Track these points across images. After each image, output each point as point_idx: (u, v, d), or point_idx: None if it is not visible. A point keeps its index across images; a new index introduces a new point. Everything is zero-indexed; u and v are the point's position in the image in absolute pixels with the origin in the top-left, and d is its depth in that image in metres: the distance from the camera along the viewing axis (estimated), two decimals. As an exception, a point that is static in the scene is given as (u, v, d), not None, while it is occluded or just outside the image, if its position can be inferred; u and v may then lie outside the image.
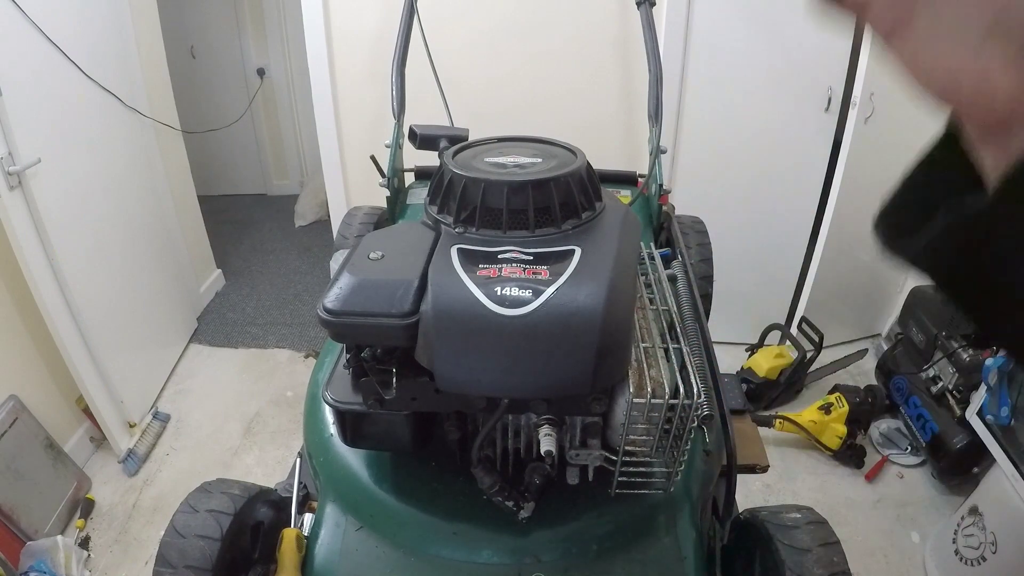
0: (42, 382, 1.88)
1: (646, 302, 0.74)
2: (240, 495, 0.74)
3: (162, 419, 2.21)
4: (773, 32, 2.10)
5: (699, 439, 0.74)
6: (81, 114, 1.97)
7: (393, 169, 1.41)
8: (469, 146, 0.74)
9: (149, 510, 1.87)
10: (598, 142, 2.23)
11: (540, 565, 0.65)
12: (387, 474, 0.73)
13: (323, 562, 0.70)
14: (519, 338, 0.52)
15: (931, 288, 1.99)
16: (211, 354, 2.62)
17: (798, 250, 2.46)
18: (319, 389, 0.67)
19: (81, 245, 1.90)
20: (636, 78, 2.19)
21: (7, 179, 1.59)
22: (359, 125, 2.35)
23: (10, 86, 1.59)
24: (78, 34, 1.92)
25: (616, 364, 0.56)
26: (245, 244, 3.60)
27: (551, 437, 0.61)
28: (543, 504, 0.67)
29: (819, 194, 2.32)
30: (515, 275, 0.54)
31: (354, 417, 0.65)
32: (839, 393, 2.05)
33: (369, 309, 0.55)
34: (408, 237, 0.65)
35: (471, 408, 0.59)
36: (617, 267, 0.56)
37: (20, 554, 1.56)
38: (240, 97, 3.90)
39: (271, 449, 2.11)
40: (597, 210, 0.65)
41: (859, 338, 2.63)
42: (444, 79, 1.67)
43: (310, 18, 2.17)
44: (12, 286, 1.75)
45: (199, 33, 3.76)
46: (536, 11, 2.14)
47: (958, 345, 1.75)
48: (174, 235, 2.62)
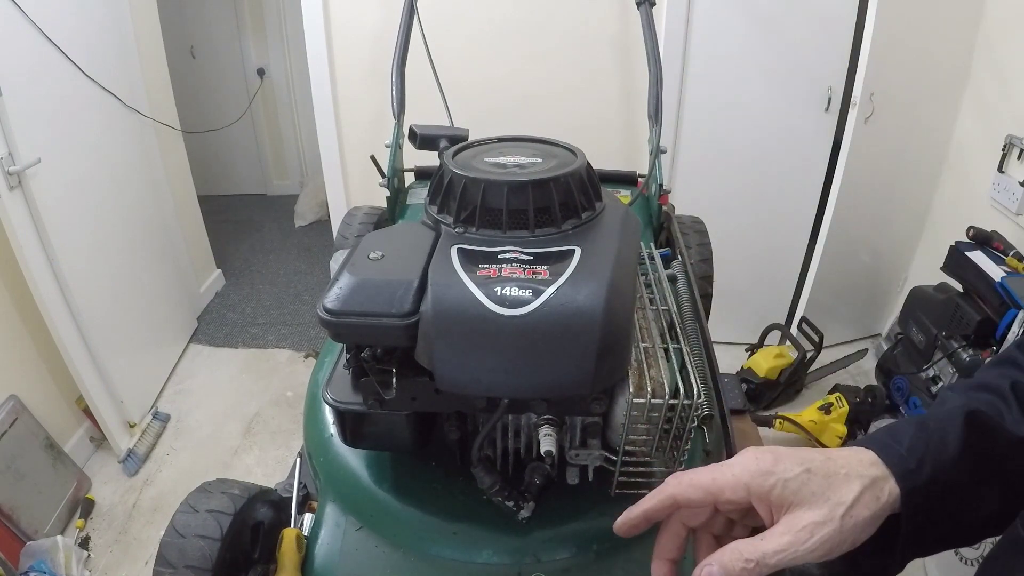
0: (42, 382, 1.88)
1: (646, 302, 0.74)
2: (240, 495, 0.74)
3: (162, 419, 2.21)
4: (773, 32, 2.10)
5: (699, 439, 0.74)
6: (81, 114, 1.97)
7: (393, 169, 1.41)
8: (469, 146, 0.74)
9: (149, 510, 1.87)
10: (598, 142, 2.23)
11: (540, 565, 0.65)
12: (387, 474, 0.73)
13: (323, 562, 0.70)
14: (519, 338, 0.52)
15: (931, 288, 1.99)
16: (211, 354, 2.62)
17: (798, 250, 2.46)
18: (319, 389, 0.67)
19: (81, 245, 1.90)
20: (636, 78, 2.19)
21: (7, 179, 1.59)
22: (359, 125, 2.35)
23: (10, 86, 1.59)
24: (78, 34, 1.92)
25: (616, 364, 0.56)
26: (245, 244, 3.60)
27: (551, 437, 0.61)
28: (543, 504, 0.67)
29: (819, 194, 2.32)
30: (515, 275, 0.54)
31: (354, 417, 0.65)
32: (839, 393, 2.05)
33: (369, 309, 0.55)
34: (408, 237, 0.65)
35: (471, 408, 0.59)
36: (617, 267, 0.56)
37: (20, 554, 1.56)
38: (240, 97, 3.90)
39: (271, 449, 2.11)
40: (597, 210, 0.65)
41: (859, 338, 2.63)
42: (444, 79, 1.67)
43: (310, 18, 2.17)
44: (12, 286, 1.75)
45: (199, 33, 3.76)
46: (536, 11, 2.14)
47: (958, 345, 1.75)
48: (174, 235, 2.62)
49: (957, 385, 0.50)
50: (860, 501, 0.41)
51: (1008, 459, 0.43)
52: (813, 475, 0.41)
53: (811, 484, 0.41)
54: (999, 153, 1.90)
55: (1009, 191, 1.85)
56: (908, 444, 0.43)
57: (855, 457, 0.43)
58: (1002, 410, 0.44)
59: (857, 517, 0.40)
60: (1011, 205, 1.85)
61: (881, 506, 0.41)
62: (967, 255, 1.79)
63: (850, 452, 0.44)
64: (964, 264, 1.80)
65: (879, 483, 0.41)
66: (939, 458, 0.42)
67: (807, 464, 0.42)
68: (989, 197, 1.96)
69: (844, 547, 0.41)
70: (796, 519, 0.41)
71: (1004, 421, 0.43)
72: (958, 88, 2.12)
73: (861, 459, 0.43)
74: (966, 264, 1.79)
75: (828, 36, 2.08)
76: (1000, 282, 1.65)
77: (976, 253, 1.79)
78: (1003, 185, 1.89)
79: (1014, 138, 1.85)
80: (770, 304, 2.55)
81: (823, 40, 2.08)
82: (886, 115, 2.08)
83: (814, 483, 0.41)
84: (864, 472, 0.42)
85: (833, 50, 2.09)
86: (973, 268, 1.76)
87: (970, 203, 2.09)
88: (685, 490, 0.45)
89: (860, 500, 0.41)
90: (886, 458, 0.42)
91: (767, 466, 0.42)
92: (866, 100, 2.03)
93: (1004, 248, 1.79)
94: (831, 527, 0.40)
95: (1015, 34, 1.89)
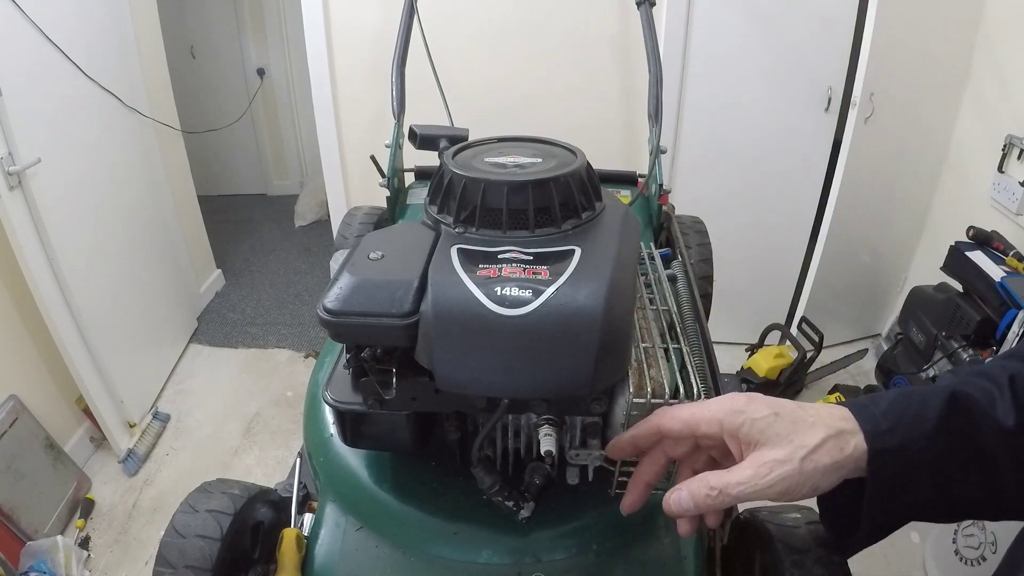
0: (42, 382, 1.88)
1: (646, 302, 0.74)
2: (240, 495, 0.74)
3: (162, 419, 2.21)
4: (773, 32, 2.10)
5: (699, 439, 0.74)
6: (81, 114, 1.97)
7: (393, 169, 1.41)
8: (469, 146, 0.74)
9: (149, 510, 1.87)
10: (598, 142, 2.23)
11: (540, 565, 0.65)
12: (387, 474, 0.73)
13: (323, 562, 0.70)
14: (519, 338, 0.52)
15: (931, 288, 1.99)
16: (211, 354, 2.62)
17: (798, 250, 2.46)
18: (319, 389, 0.67)
19: (81, 245, 1.90)
20: (636, 78, 2.19)
21: (7, 179, 1.59)
22: (359, 125, 2.35)
23: (10, 86, 1.59)
24: (78, 34, 1.92)
25: (616, 364, 0.56)
26: (245, 244, 3.60)
27: (551, 437, 0.61)
28: (543, 504, 0.67)
29: (819, 194, 2.32)
30: (515, 275, 0.54)
31: (354, 417, 0.65)
32: (839, 393, 2.05)
33: (369, 309, 0.54)
34: (408, 237, 0.65)
35: (471, 408, 0.59)
36: (617, 267, 0.56)
37: (20, 554, 1.56)
38: (240, 97, 3.90)
39: (271, 449, 2.11)
40: (597, 210, 0.65)
41: (859, 338, 2.63)
42: (444, 79, 1.67)
43: (310, 18, 2.17)
44: (12, 286, 1.75)
45: (199, 33, 3.76)
46: (536, 11, 2.14)
47: (958, 345, 1.75)
48: (174, 235, 2.62)
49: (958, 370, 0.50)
50: (822, 447, 0.43)
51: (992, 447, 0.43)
52: (780, 418, 0.44)
53: (776, 426, 0.44)
54: (999, 153, 1.90)
55: (1009, 191, 1.86)
56: (884, 408, 0.44)
57: (828, 411, 0.45)
58: (994, 397, 0.44)
59: (817, 462, 0.42)
60: (1011, 205, 1.85)
61: (845, 457, 0.43)
62: (967, 255, 1.79)
63: (826, 406, 0.46)
64: (964, 264, 1.80)
65: (845, 435, 0.43)
66: (914, 428, 0.43)
67: (777, 408, 0.45)
68: (989, 197, 1.96)
69: (804, 489, 0.43)
70: (760, 456, 0.44)
71: (994, 408, 0.43)
72: (958, 88, 2.12)
73: (833, 412, 0.45)
74: (966, 264, 1.79)
75: (828, 36, 2.08)
76: (1000, 282, 1.65)
77: (976, 253, 1.79)
78: (1003, 185, 1.89)
79: (1014, 138, 1.85)
80: (770, 304, 2.55)
81: (823, 40, 2.08)
82: (886, 115, 2.08)
83: (780, 425, 0.44)
84: (832, 424, 0.44)
85: (833, 50, 2.09)
86: (973, 268, 1.76)
87: (970, 203, 2.09)
88: (667, 421, 0.50)
89: (822, 447, 0.43)
90: (860, 416, 0.44)
91: (740, 406, 0.46)
92: (866, 100, 2.03)
93: (1004, 248, 1.79)
94: (790, 467, 0.42)
95: (1015, 34, 1.89)
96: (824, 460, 0.42)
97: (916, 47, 2.04)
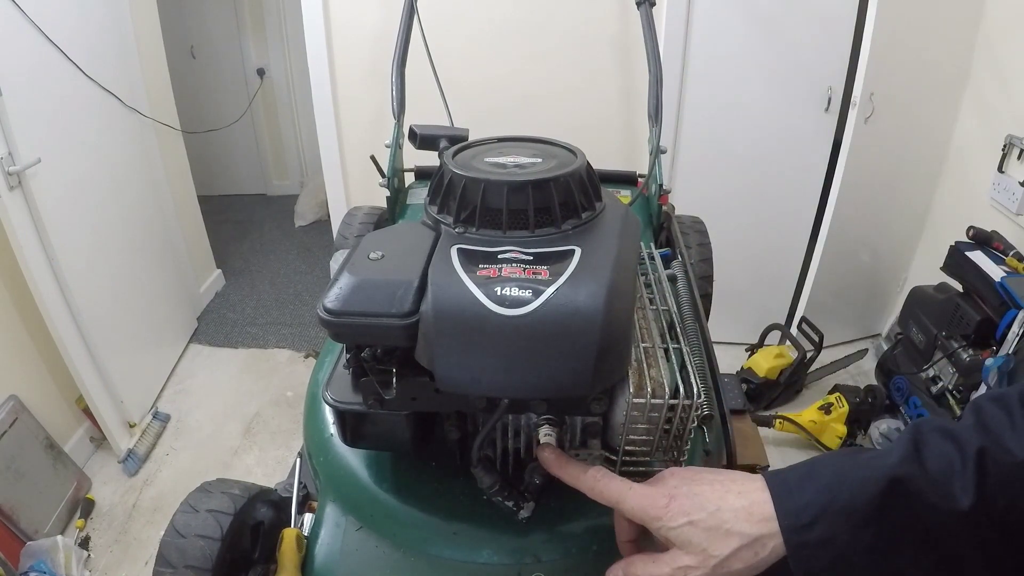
0: (42, 382, 1.88)
1: (646, 302, 0.74)
2: (240, 495, 0.74)
3: (162, 419, 2.21)
4: (773, 32, 2.10)
5: (699, 439, 0.74)
6: (81, 114, 1.97)
7: (393, 169, 1.41)
8: (469, 146, 0.74)
9: (149, 510, 1.87)
10: (598, 142, 2.23)
11: (540, 565, 0.65)
12: (387, 474, 0.73)
13: (323, 562, 0.70)
14: (519, 338, 0.52)
15: (931, 288, 1.99)
16: (211, 354, 2.62)
17: (798, 250, 2.46)
18: (319, 389, 0.67)
19: (81, 245, 1.90)
20: (636, 78, 2.19)
21: (7, 179, 1.59)
22: (359, 125, 2.35)
23: (10, 86, 1.59)
24: (78, 34, 1.92)
25: (616, 364, 0.56)
26: (245, 244, 3.60)
27: (551, 437, 0.61)
28: (543, 504, 0.67)
29: (819, 194, 2.32)
30: (515, 275, 0.54)
31: (354, 417, 0.65)
32: (839, 393, 2.05)
33: (369, 309, 0.54)
34: (408, 237, 0.64)
35: (471, 408, 0.59)
36: (617, 267, 0.56)
37: (20, 554, 1.56)
38: (240, 97, 3.90)
39: (271, 449, 2.11)
40: (597, 210, 0.65)
41: (859, 338, 2.63)
42: (444, 79, 1.67)
43: (310, 18, 2.17)
44: (12, 286, 1.75)
45: (199, 33, 3.76)
46: (536, 11, 2.14)
47: (958, 345, 1.75)
48: (174, 235, 2.62)
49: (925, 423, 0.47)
50: (735, 555, 0.44)
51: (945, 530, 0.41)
52: (695, 528, 0.45)
53: (690, 534, 0.45)
54: (999, 153, 1.90)
55: (1009, 191, 1.86)
56: (809, 498, 0.43)
57: (748, 511, 0.45)
58: (953, 471, 0.41)
59: (729, 567, 0.44)
60: (1011, 205, 1.85)
61: (760, 560, 0.44)
62: (967, 255, 1.79)
63: (749, 503, 0.45)
64: (964, 264, 1.80)
65: (762, 540, 0.44)
66: (841, 518, 0.42)
67: (692, 516, 0.46)
68: (989, 197, 1.96)
69: None
70: (675, 558, 0.46)
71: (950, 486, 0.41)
72: (958, 88, 2.12)
73: (752, 513, 0.45)
74: (966, 264, 1.79)
75: (828, 36, 2.08)
76: (1000, 282, 1.65)
77: (976, 253, 1.79)
78: (1003, 185, 1.89)
79: (1014, 138, 1.85)
80: (770, 304, 2.55)
81: (823, 40, 2.08)
82: (886, 115, 2.08)
83: (693, 534, 0.45)
84: (747, 531, 0.44)
85: (833, 50, 2.09)
86: (973, 268, 1.76)
87: (970, 203, 2.09)
88: (598, 493, 0.52)
89: (735, 555, 0.44)
90: (780, 509, 0.44)
91: (657, 512, 0.47)
92: (866, 100, 2.03)
93: (1004, 248, 1.79)
94: (702, 571, 0.45)
95: (1015, 34, 1.89)
96: (736, 566, 0.44)
97: (916, 47, 2.04)
